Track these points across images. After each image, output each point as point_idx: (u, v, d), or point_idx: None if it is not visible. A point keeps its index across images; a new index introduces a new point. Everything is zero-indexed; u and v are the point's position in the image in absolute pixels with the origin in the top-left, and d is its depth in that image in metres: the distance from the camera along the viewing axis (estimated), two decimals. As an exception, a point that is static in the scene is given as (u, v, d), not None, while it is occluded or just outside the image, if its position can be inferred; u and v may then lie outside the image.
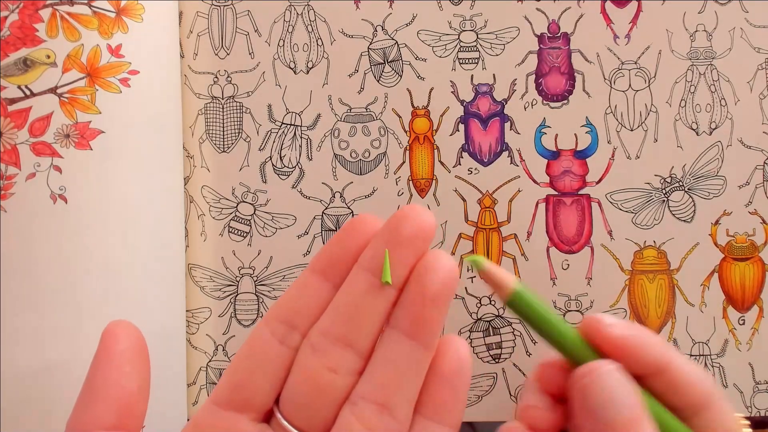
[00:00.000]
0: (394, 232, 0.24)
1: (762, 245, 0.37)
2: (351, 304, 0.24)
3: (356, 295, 0.24)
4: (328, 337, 0.24)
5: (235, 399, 0.24)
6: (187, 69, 0.38)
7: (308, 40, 0.37)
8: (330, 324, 0.24)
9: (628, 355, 0.25)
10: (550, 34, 0.37)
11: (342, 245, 0.25)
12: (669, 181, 0.37)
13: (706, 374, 0.26)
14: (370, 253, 0.24)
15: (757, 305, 0.37)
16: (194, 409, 0.37)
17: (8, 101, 0.33)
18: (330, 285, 0.25)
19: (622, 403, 0.23)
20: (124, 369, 0.25)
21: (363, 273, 0.24)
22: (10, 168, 0.33)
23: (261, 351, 0.24)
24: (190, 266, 0.37)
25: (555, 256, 0.37)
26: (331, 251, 0.25)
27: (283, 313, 0.25)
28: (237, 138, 0.38)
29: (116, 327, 0.26)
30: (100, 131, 0.34)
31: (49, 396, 0.33)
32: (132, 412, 0.25)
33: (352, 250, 0.24)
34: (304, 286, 0.25)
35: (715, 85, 0.37)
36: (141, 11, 0.35)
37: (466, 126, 0.37)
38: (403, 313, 0.24)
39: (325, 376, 0.23)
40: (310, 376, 0.23)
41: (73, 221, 0.33)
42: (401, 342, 0.23)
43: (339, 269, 0.24)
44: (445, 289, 0.23)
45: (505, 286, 0.25)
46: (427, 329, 0.23)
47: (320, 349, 0.24)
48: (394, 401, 0.23)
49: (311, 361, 0.24)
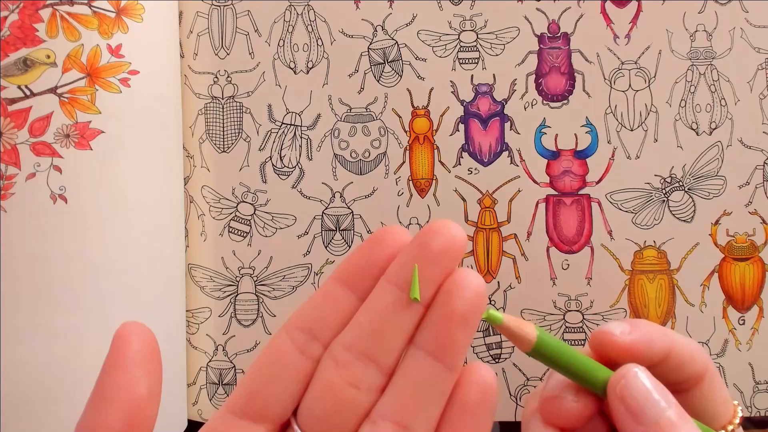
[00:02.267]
0: (423, 247, 0.23)
1: (762, 245, 0.37)
2: (376, 319, 0.23)
3: (382, 310, 0.23)
4: (352, 351, 0.23)
5: (252, 408, 0.24)
6: (187, 69, 0.38)
7: (308, 40, 0.37)
8: (354, 338, 0.23)
9: (639, 355, 0.25)
10: (550, 34, 0.37)
11: (368, 256, 0.24)
12: (669, 181, 0.37)
13: (701, 348, 0.27)
14: (397, 267, 0.23)
15: (757, 305, 0.37)
16: (194, 409, 0.37)
17: (8, 101, 0.33)
18: (354, 297, 0.24)
19: (663, 401, 0.24)
20: (134, 373, 0.25)
21: (389, 287, 0.23)
22: (10, 168, 0.33)
23: (280, 360, 0.24)
24: (190, 266, 0.37)
25: (555, 256, 0.37)
26: (357, 262, 0.24)
27: (306, 322, 0.24)
28: (237, 138, 0.38)
29: (128, 329, 0.26)
30: (100, 131, 0.34)
31: (49, 396, 0.33)
32: (141, 417, 0.24)
33: (379, 262, 0.24)
34: (328, 295, 0.24)
35: (715, 85, 0.37)
36: (141, 11, 0.35)
37: (466, 126, 0.37)
38: (428, 331, 0.23)
39: (347, 391, 0.23)
40: (331, 389, 0.23)
41: (73, 221, 0.33)
42: (425, 361, 0.23)
43: (365, 281, 0.24)
44: (473, 310, 0.23)
45: (527, 338, 0.24)
46: (453, 350, 0.23)
47: (343, 363, 0.23)
48: (414, 424, 0.23)
49: (333, 374, 0.23)
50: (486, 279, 0.37)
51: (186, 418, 0.37)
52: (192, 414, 0.37)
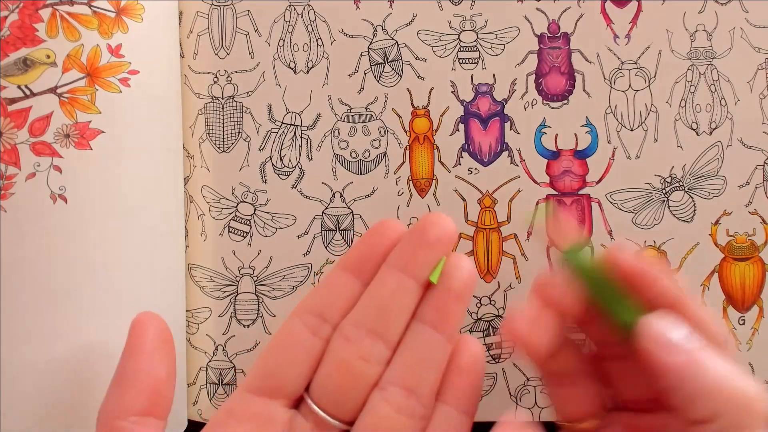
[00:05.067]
0: (422, 235, 0.26)
1: (762, 245, 0.37)
2: (382, 299, 0.26)
3: (387, 291, 0.26)
4: (361, 329, 0.26)
5: (268, 386, 0.26)
6: (187, 69, 0.38)
7: (308, 40, 0.37)
8: (362, 317, 0.26)
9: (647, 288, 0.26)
10: (550, 34, 0.37)
11: (370, 246, 0.27)
12: (669, 181, 0.37)
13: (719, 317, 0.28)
14: (399, 252, 0.27)
15: (757, 305, 0.37)
16: (194, 409, 0.37)
17: (8, 101, 0.33)
18: (359, 282, 0.27)
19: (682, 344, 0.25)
20: (153, 357, 0.27)
21: (392, 272, 0.26)
22: (10, 168, 0.33)
23: (293, 340, 0.27)
24: (190, 266, 0.37)
25: (555, 256, 0.37)
26: (361, 250, 0.28)
27: (316, 305, 0.27)
28: (237, 138, 0.38)
29: (144, 317, 0.28)
30: (100, 131, 0.34)
31: (49, 395, 0.33)
32: (162, 397, 0.27)
33: (380, 250, 0.27)
34: (335, 281, 0.27)
35: (715, 85, 0.37)
36: (141, 11, 0.35)
37: (466, 126, 0.37)
38: (429, 306, 0.27)
39: (357, 364, 0.26)
40: (344, 363, 0.26)
41: (73, 221, 0.33)
42: (426, 333, 0.26)
43: (368, 267, 0.27)
44: (468, 287, 0.27)
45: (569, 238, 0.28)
46: (451, 322, 0.26)
47: (353, 339, 0.26)
48: (420, 386, 0.26)
49: (344, 350, 0.26)
50: (486, 279, 0.37)
51: (186, 418, 0.37)
52: (192, 414, 0.37)
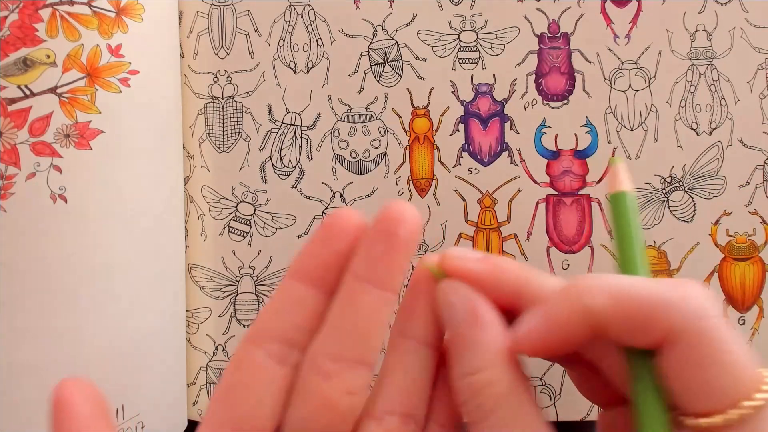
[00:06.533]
0: (390, 237, 0.22)
1: (762, 245, 0.37)
2: (360, 321, 0.22)
3: (364, 312, 0.22)
4: (341, 361, 0.22)
5: None
6: (187, 69, 0.38)
7: (308, 40, 0.37)
8: (339, 345, 0.22)
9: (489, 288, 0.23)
10: (550, 34, 0.37)
11: (326, 248, 0.23)
12: (669, 181, 0.37)
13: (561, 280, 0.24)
14: (367, 262, 0.22)
15: (757, 305, 0.37)
16: (194, 409, 0.37)
17: (8, 101, 0.33)
18: (321, 293, 0.23)
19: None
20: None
21: (365, 286, 0.22)
22: (10, 168, 0.33)
23: (260, 377, 0.22)
24: (190, 266, 0.37)
25: (555, 256, 0.37)
26: (315, 255, 0.23)
27: (278, 330, 0.23)
28: (237, 138, 0.37)
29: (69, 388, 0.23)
30: (100, 131, 0.34)
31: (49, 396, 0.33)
32: None
33: (339, 251, 0.23)
34: (294, 296, 0.23)
35: (715, 85, 0.37)
36: (141, 11, 0.35)
37: (466, 126, 0.37)
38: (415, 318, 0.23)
39: (344, 401, 0.22)
40: (328, 402, 0.22)
41: (73, 221, 0.33)
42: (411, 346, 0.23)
43: (328, 275, 0.23)
44: None
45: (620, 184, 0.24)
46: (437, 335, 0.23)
47: (334, 373, 0.22)
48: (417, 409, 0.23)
49: (326, 387, 0.22)
50: (486, 279, 0.37)
51: (186, 418, 0.37)
52: (192, 414, 0.37)
